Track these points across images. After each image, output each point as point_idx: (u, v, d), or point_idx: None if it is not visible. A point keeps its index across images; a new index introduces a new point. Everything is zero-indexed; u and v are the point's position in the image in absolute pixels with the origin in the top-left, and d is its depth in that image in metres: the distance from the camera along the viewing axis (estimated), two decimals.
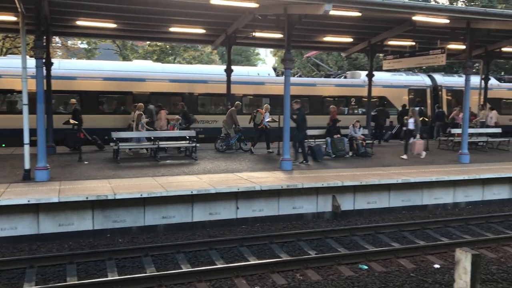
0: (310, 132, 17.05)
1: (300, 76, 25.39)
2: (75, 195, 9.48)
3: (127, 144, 15.44)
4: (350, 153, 16.20)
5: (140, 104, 16.18)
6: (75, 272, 7.72)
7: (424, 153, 16.30)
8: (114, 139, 14.40)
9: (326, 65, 31.76)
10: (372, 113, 20.92)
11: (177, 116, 17.31)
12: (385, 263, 8.45)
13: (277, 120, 16.74)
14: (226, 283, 7.43)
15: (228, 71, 18.17)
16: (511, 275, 7.82)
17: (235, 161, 14.65)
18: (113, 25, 15.75)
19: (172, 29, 16.51)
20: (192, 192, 10.20)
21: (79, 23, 15.33)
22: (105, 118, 18.81)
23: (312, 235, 9.82)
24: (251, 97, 21.51)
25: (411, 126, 16.15)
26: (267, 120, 16.64)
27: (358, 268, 8.14)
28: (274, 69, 24.08)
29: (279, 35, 15.31)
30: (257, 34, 16.24)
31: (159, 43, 33.17)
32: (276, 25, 13.52)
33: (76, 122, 15.84)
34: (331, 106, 20.15)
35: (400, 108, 22.01)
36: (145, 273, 7.73)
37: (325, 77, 25.14)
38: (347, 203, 11.76)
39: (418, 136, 16.17)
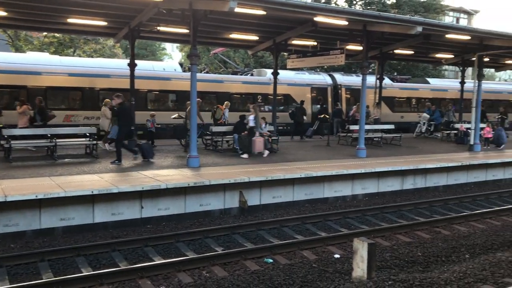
0: (217, 128, 17.15)
1: (207, 72, 25.31)
2: None
3: (20, 142, 14.31)
4: None
5: (107, 99, 16.30)
6: None
7: (267, 152, 15.55)
8: (5, 136, 13.33)
9: (233, 62, 31.95)
10: (290, 111, 21.93)
11: (151, 112, 17.43)
12: (289, 255, 8.71)
13: (184, 117, 16.55)
14: (130, 285, 7.20)
15: (132, 66, 17.53)
16: (402, 261, 8.44)
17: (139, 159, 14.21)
18: (3, 13, 14.45)
19: (70, 20, 15.51)
20: (92, 192, 9.72)
21: None
22: None
23: (219, 232, 9.84)
24: (157, 92, 21.03)
25: (251, 123, 15.47)
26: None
27: (263, 262, 8.30)
28: (181, 64, 23.73)
29: (185, 30, 15.07)
30: (162, 29, 15.82)
31: (57, 35, 31.13)
32: (181, 20, 13.31)
33: None
34: (187, 102, 20.33)
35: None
36: (41, 279, 7.23)
37: (232, 74, 25.32)
38: (253, 198, 11.93)
39: (257, 134, 15.48)
